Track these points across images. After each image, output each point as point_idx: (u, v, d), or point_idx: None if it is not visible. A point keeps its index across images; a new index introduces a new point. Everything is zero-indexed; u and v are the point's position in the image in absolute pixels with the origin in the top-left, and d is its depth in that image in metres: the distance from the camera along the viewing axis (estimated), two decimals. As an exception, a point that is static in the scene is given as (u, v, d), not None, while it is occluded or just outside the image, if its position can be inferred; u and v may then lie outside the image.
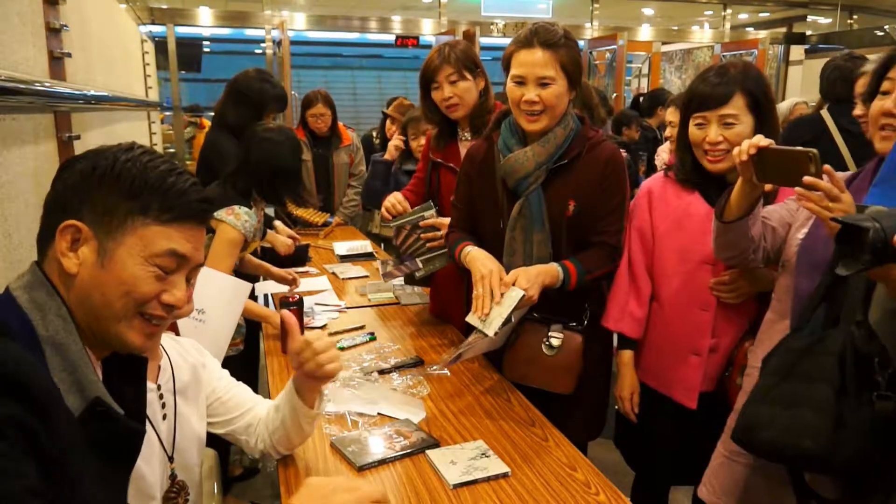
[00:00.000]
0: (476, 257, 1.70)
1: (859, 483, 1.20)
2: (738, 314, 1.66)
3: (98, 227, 0.85)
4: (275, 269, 2.45)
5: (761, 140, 1.28)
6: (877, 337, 1.11)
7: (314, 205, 3.73)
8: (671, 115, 2.91)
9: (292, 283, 2.35)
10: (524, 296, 1.57)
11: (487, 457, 1.39)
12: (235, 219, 2.06)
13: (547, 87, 1.63)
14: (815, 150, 1.20)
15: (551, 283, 1.66)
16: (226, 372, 1.40)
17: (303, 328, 2.02)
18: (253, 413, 1.37)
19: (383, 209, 2.24)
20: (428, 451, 1.41)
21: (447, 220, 2.03)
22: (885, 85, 1.26)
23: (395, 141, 3.42)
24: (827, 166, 1.19)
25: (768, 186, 1.45)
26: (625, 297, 1.78)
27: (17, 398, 0.67)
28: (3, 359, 0.69)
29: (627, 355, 1.82)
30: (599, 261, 1.73)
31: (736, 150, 1.32)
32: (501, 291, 1.59)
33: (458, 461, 1.37)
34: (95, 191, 0.86)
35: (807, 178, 1.19)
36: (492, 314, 1.57)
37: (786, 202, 1.53)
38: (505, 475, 1.33)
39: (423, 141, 3.04)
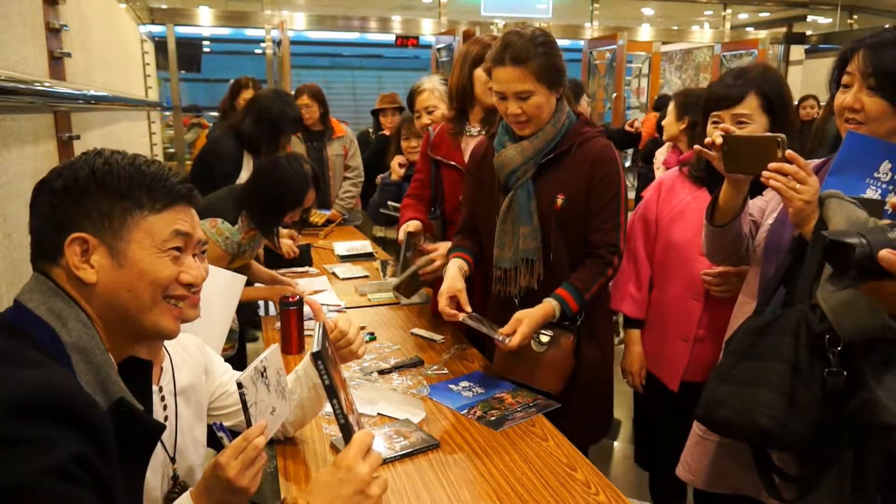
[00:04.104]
0: (446, 274, 1.82)
1: (819, 460, 1.24)
2: (728, 310, 1.68)
3: (102, 233, 0.87)
4: (281, 279, 2.50)
5: (728, 128, 1.36)
6: (826, 317, 1.15)
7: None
8: (669, 114, 2.92)
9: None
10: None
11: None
12: (217, 234, 2.12)
13: (527, 99, 1.67)
14: (782, 135, 1.26)
15: (549, 319, 1.71)
16: (228, 366, 1.41)
17: (302, 328, 2.02)
18: None
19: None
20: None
21: (439, 249, 2.06)
22: (845, 79, 1.30)
23: (398, 160, 3.31)
24: (790, 151, 1.24)
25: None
26: (625, 279, 1.90)
27: (79, 430, 0.71)
28: (61, 390, 0.71)
29: (634, 333, 1.94)
30: (592, 275, 1.73)
31: (707, 141, 1.38)
32: (447, 312, 1.72)
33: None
34: (86, 200, 0.87)
35: (773, 164, 1.24)
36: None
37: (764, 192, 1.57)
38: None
39: (413, 143, 3.04)
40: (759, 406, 1.19)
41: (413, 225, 2.21)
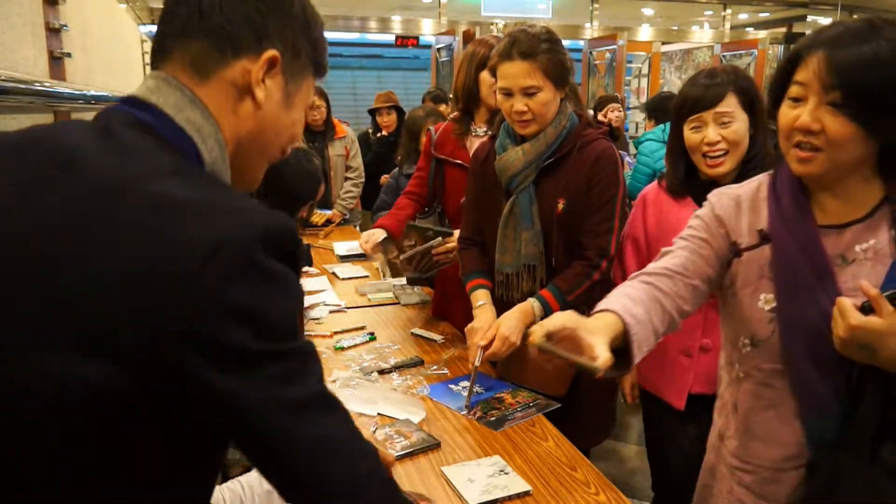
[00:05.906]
0: (478, 310, 1.76)
1: None
2: None
3: (287, 65, 0.80)
4: None
5: None
6: None
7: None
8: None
9: None
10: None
11: (506, 473, 1.34)
12: None
13: (533, 96, 1.65)
14: None
15: (531, 321, 1.65)
16: None
17: (302, 327, 2.02)
18: None
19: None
20: (444, 469, 1.36)
21: (455, 234, 2.04)
22: (796, 90, 1.02)
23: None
24: (863, 283, 0.94)
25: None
26: None
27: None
28: (294, 230, 0.69)
29: None
30: (577, 277, 1.70)
31: None
32: (479, 344, 1.63)
33: (476, 479, 1.32)
34: (294, 26, 0.81)
35: (844, 333, 0.95)
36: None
37: (684, 242, 1.22)
38: (527, 493, 1.28)
39: (423, 140, 3.04)
40: None
41: (378, 234, 2.27)
